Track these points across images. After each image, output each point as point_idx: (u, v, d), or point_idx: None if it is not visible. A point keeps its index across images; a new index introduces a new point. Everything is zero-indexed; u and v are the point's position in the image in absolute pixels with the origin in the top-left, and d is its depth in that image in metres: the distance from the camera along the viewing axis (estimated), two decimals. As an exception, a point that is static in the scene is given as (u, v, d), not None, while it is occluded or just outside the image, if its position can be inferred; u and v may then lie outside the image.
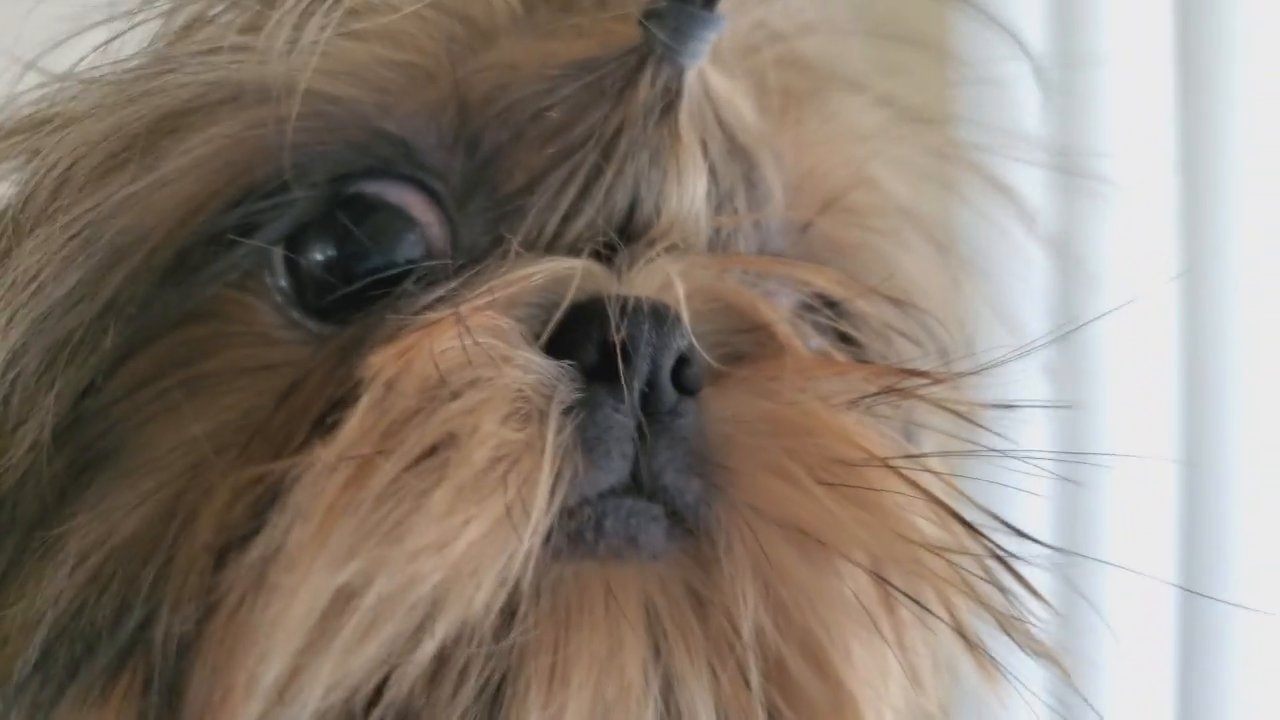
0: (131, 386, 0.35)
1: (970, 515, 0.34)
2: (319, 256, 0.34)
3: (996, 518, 0.34)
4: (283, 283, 0.34)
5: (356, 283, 0.34)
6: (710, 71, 0.36)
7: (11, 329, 0.33)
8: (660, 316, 0.33)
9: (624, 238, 0.35)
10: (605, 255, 0.34)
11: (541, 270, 0.33)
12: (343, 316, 0.34)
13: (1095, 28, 0.70)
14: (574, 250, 0.34)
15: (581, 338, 0.32)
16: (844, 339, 0.40)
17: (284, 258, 0.34)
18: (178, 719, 0.30)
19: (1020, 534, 0.34)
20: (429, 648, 0.28)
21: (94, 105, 0.33)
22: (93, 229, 0.33)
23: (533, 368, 0.31)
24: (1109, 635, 0.34)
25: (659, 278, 0.34)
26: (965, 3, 0.41)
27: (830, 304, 0.39)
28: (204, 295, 0.34)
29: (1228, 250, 0.70)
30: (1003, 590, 0.34)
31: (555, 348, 0.32)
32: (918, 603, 0.34)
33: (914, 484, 0.33)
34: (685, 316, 0.33)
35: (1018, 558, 0.33)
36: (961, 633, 0.34)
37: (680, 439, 0.33)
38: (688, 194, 0.35)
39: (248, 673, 0.28)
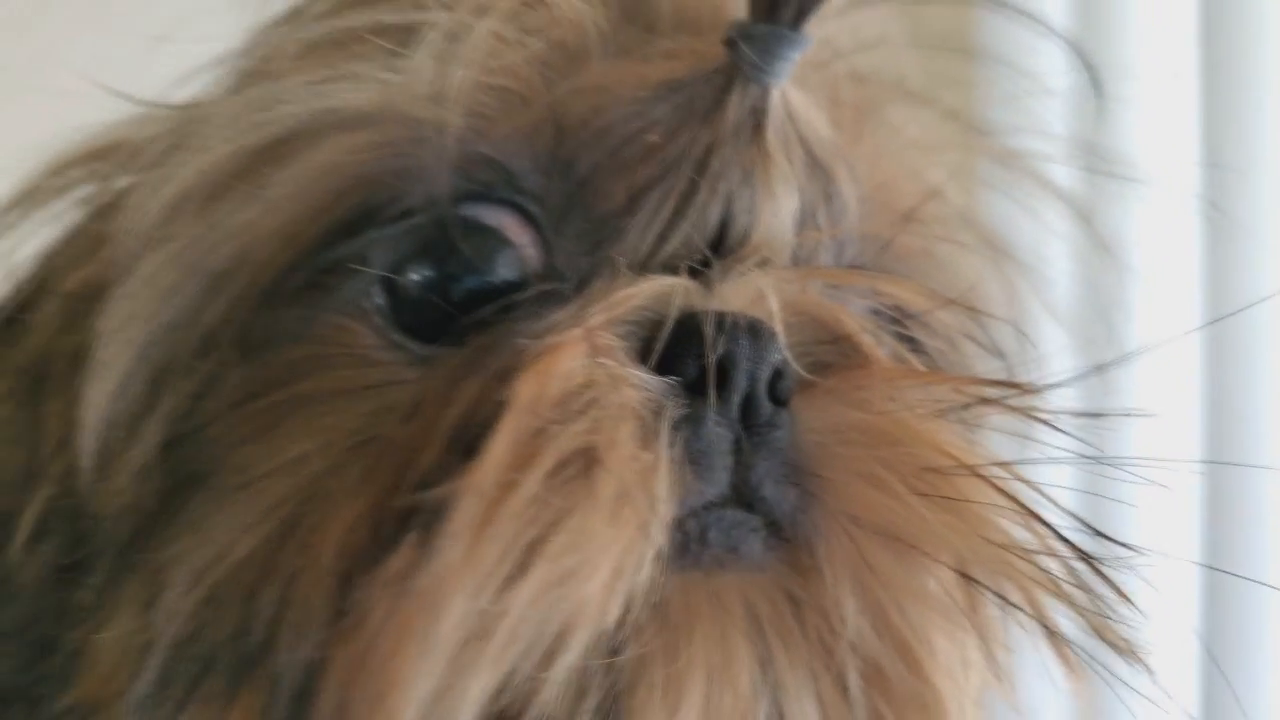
0: (229, 407, 0.35)
1: (1055, 519, 0.35)
2: (417, 279, 0.35)
3: (1080, 520, 0.35)
4: (381, 303, 0.35)
5: (454, 303, 0.35)
6: (790, 89, 0.37)
7: (122, 357, 0.34)
8: (756, 331, 0.34)
9: (715, 254, 0.36)
10: (698, 271, 0.35)
11: (643, 289, 0.33)
12: (444, 338, 0.35)
13: (1121, 30, 0.71)
14: (669, 268, 0.35)
15: (682, 354, 0.33)
16: (909, 342, 0.41)
17: (383, 281, 0.35)
18: None
19: (1104, 537, 0.35)
20: (569, 662, 0.29)
21: (200, 135, 0.34)
22: (200, 256, 0.34)
23: (645, 385, 0.32)
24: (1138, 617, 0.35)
25: (751, 292, 0.34)
26: (1018, 14, 0.42)
27: (902, 311, 0.40)
28: (306, 320, 0.34)
29: (1257, 250, 0.72)
30: (1087, 589, 0.35)
31: (658, 364, 0.33)
32: (1005, 600, 0.35)
33: (1002, 490, 0.34)
34: (780, 330, 0.34)
35: (1101, 559, 0.35)
36: (1047, 628, 0.35)
37: (776, 450, 0.34)
38: (779, 210, 0.36)
39: (398, 693, 0.28)
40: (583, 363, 0.31)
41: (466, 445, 0.30)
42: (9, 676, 0.38)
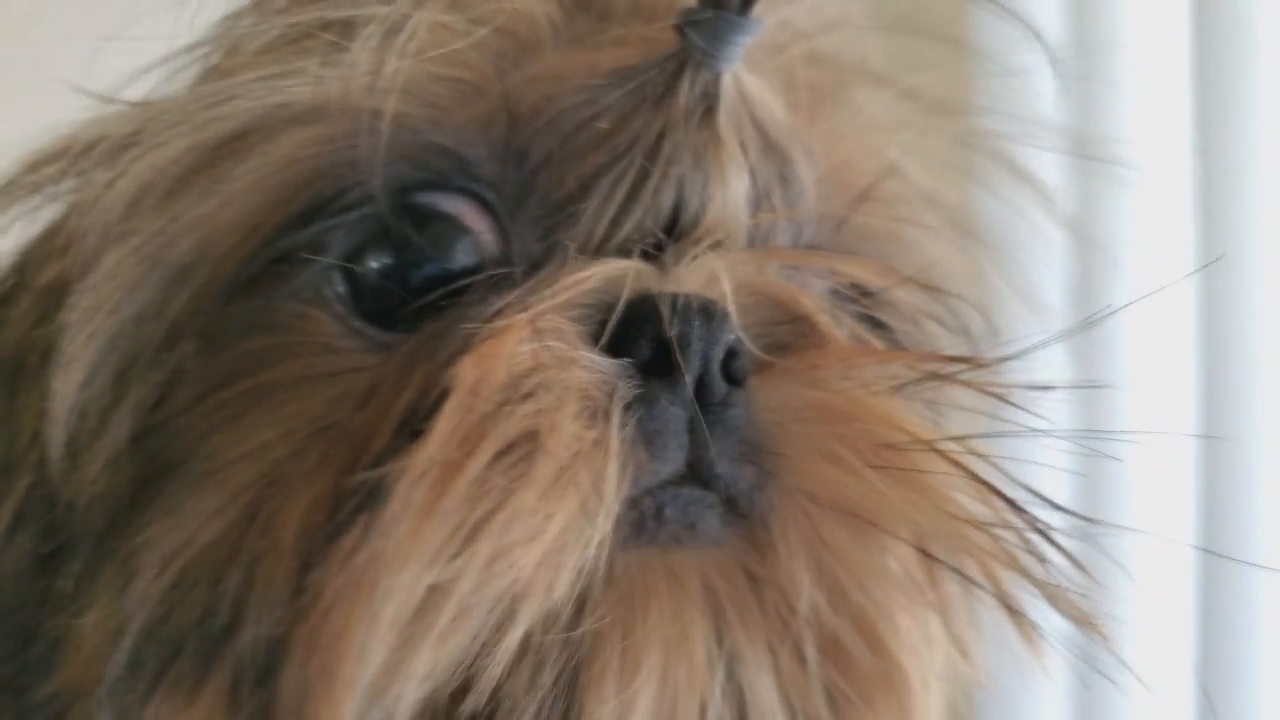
0: (196, 398, 0.36)
1: (1008, 491, 0.35)
2: (376, 266, 0.35)
3: (1034, 492, 0.36)
4: (341, 292, 0.36)
5: (414, 290, 0.35)
6: (743, 72, 0.37)
7: (87, 350, 0.34)
8: (709, 312, 0.34)
9: (669, 237, 0.36)
10: (652, 255, 0.36)
11: (595, 273, 0.34)
12: (403, 324, 0.35)
13: (1112, 14, 0.71)
14: (623, 252, 0.35)
15: (635, 335, 0.34)
16: (873, 323, 0.41)
17: (343, 270, 0.35)
18: (271, 715, 0.32)
19: (1057, 507, 0.35)
20: (514, 637, 0.30)
21: (157, 131, 0.35)
22: (161, 250, 0.34)
23: (595, 367, 0.33)
24: (1132, 598, 0.35)
25: (705, 274, 0.35)
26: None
27: (863, 291, 0.41)
28: (267, 310, 0.35)
29: (1247, 229, 0.72)
30: (1043, 561, 0.35)
31: (611, 346, 0.34)
32: (963, 575, 0.35)
33: (957, 464, 0.35)
34: (733, 311, 0.34)
35: (1054, 530, 0.35)
36: (1005, 602, 0.36)
37: (732, 428, 0.34)
38: (730, 193, 0.36)
39: (348, 668, 0.29)
40: (529, 346, 0.31)
41: (414, 429, 0.31)
42: None
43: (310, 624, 0.30)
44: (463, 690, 0.31)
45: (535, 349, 0.31)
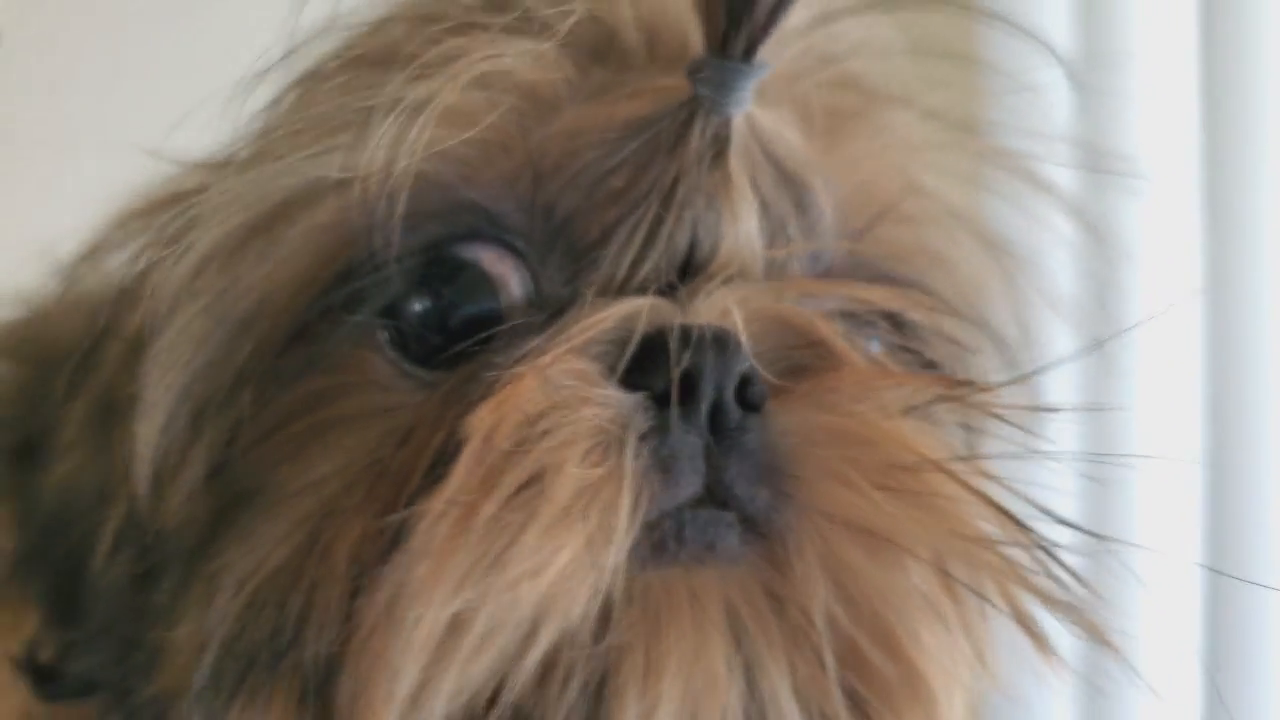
0: (265, 434, 0.40)
1: (1020, 509, 0.37)
2: (418, 313, 0.39)
3: (1044, 510, 0.37)
4: (389, 336, 0.39)
5: (453, 334, 0.38)
6: (755, 111, 0.39)
7: (165, 397, 0.39)
8: (721, 342, 0.36)
9: (687, 275, 0.38)
10: (671, 293, 0.38)
11: (612, 313, 0.36)
12: (445, 365, 0.38)
13: (1122, 26, 0.71)
14: (642, 292, 0.38)
15: (652, 368, 0.36)
16: (908, 348, 0.43)
17: (387, 317, 0.39)
18: None
19: (1066, 524, 0.37)
20: (534, 657, 0.33)
21: (225, 200, 0.38)
22: (225, 307, 0.38)
23: (610, 402, 0.35)
24: (1140, 614, 0.37)
25: (719, 307, 0.37)
26: (994, 17, 0.43)
27: (890, 316, 0.42)
28: (323, 354, 0.39)
29: (1256, 238, 0.70)
30: (1054, 578, 0.37)
31: (630, 381, 0.36)
32: (974, 590, 0.37)
33: (965, 484, 0.36)
34: (744, 340, 0.36)
35: (1063, 547, 0.36)
36: (1020, 618, 0.37)
37: (748, 452, 0.36)
38: (742, 229, 0.38)
39: (384, 688, 0.33)
40: (544, 388, 0.34)
41: (441, 471, 0.34)
42: (103, 669, 0.43)
43: (356, 645, 0.34)
44: (493, 702, 0.34)
45: (550, 391, 0.34)
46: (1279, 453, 0.72)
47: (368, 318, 0.39)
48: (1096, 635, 0.37)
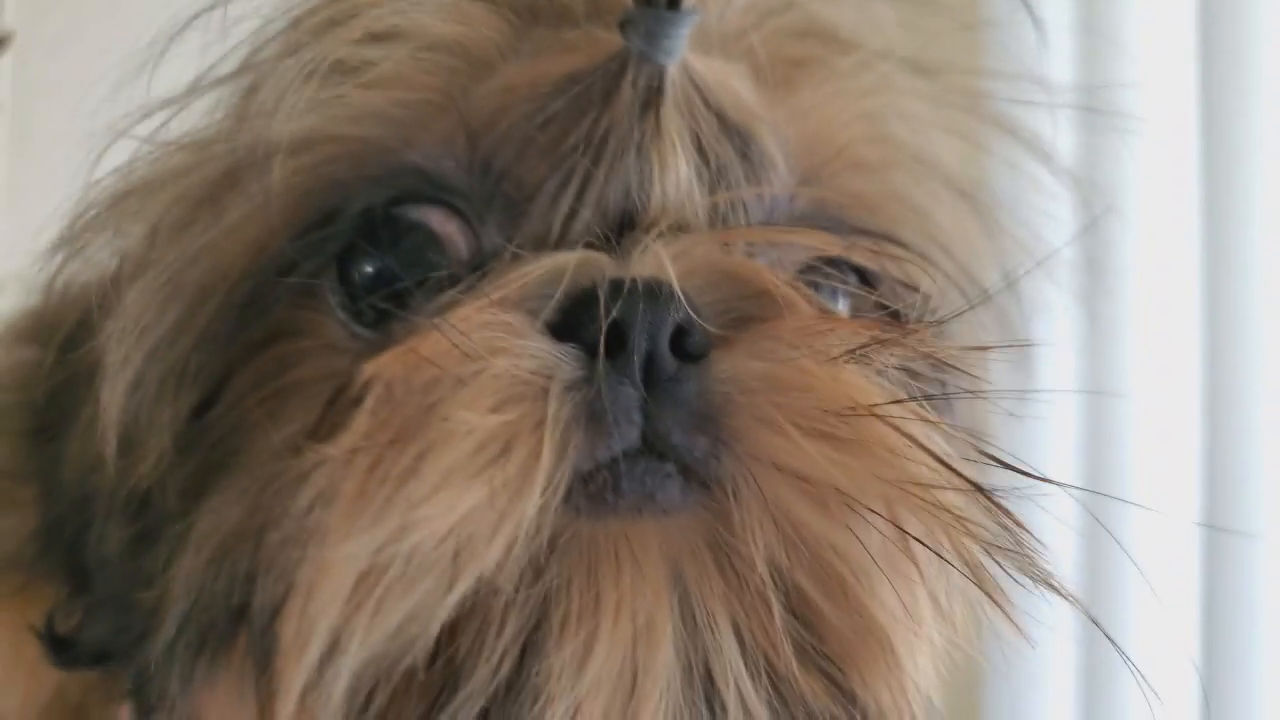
0: (235, 400, 0.41)
1: (963, 453, 0.36)
2: (365, 274, 0.40)
3: (988, 454, 0.36)
4: (339, 299, 0.40)
5: (400, 294, 0.39)
6: (696, 61, 0.39)
7: (129, 363, 0.40)
8: (653, 293, 0.36)
9: (626, 228, 0.38)
10: (613, 246, 0.38)
11: (540, 265, 0.37)
12: (392, 326, 0.39)
13: None
14: (579, 246, 0.38)
15: (585, 321, 0.36)
16: (881, 304, 0.42)
17: (337, 280, 0.40)
18: (269, 676, 0.37)
19: (1007, 466, 0.35)
20: (450, 602, 0.33)
21: (169, 171, 0.40)
22: (180, 274, 0.40)
23: (532, 353, 0.35)
24: (1134, 570, 0.35)
25: (655, 259, 0.37)
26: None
27: (858, 270, 0.42)
28: (280, 318, 0.40)
29: (1251, 191, 0.67)
30: (999, 524, 0.36)
31: (562, 334, 0.36)
32: (921, 540, 0.36)
33: (899, 428, 0.36)
34: (678, 290, 0.36)
35: (1002, 493, 0.35)
36: (967, 565, 0.36)
37: (683, 402, 0.36)
38: (671, 179, 0.38)
39: (303, 632, 0.33)
40: (455, 338, 0.34)
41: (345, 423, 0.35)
42: (108, 637, 0.45)
43: (286, 594, 0.35)
44: (414, 651, 0.34)
45: (459, 342, 0.34)
46: (1273, 406, 0.69)
47: (317, 282, 0.40)
48: (1050, 585, 0.36)
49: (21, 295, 0.51)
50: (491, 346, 0.35)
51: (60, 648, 0.47)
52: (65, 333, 0.45)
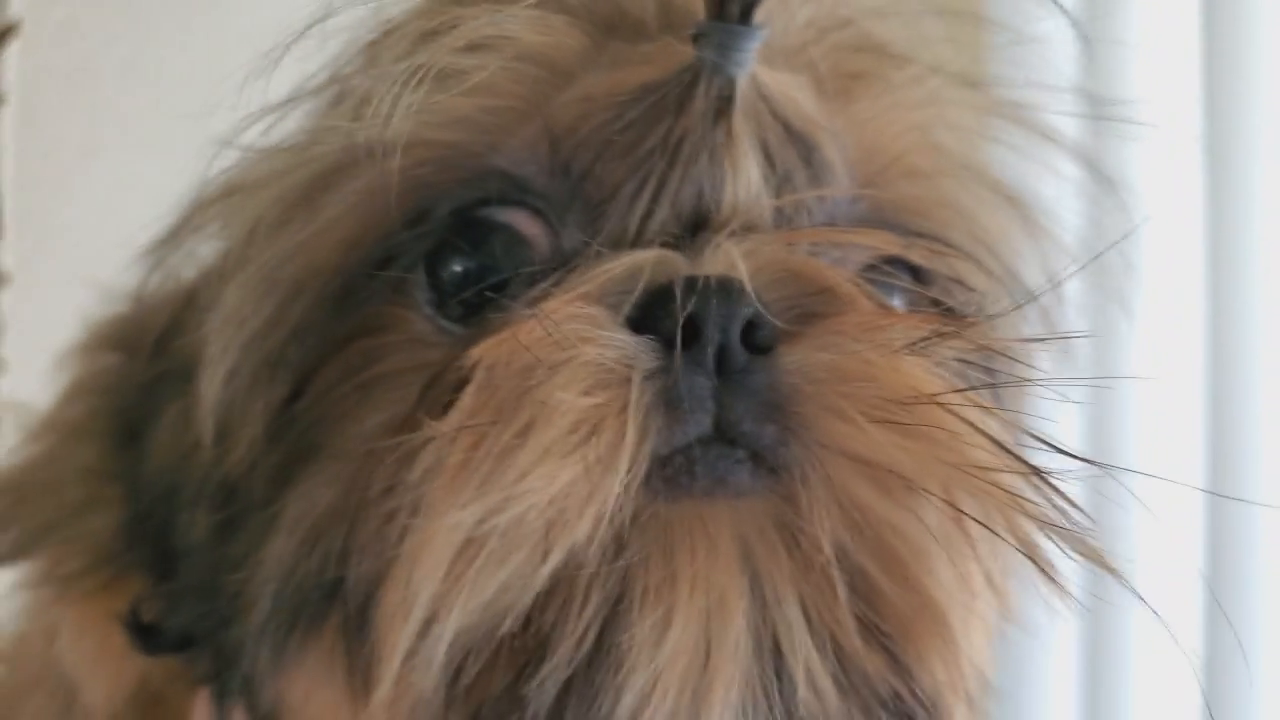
0: (323, 392, 0.43)
1: (1018, 439, 0.38)
2: (453, 273, 0.42)
3: (1041, 439, 0.38)
4: (428, 296, 0.42)
5: (486, 291, 0.42)
6: (764, 72, 0.42)
7: (226, 355, 0.43)
8: (726, 289, 0.38)
9: (699, 228, 0.41)
10: (685, 245, 0.41)
11: (621, 263, 0.39)
12: (480, 321, 0.42)
13: None
14: (659, 244, 0.40)
15: (661, 316, 0.38)
16: (935, 301, 0.44)
17: (426, 278, 0.42)
18: (368, 648, 0.39)
19: (1064, 452, 0.38)
20: (543, 574, 0.36)
21: (268, 174, 0.43)
22: (276, 271, 0.42)
23: (615, 343, 0.38)
24: (1139, 539, 0.37)
25: (726, 257, 0.40)
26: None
27: (913, 270, 0.44)
28: (366, 315, 0.42)
29: (1253, 180, 0.70)
30: (1055, 506, 0.38)
31: (640, 327, 0.39)
32: (980, 521, 0.38)
33: (960, 415, 0.38)
34: (749, 285, 0.39)
35: (1059, 475, 0.37)
36: (1024, 547, 0.38)
37: (753, 391, 0.38)
38: (742, 183, 0.41)
39: (404, 605, 0.36)
40: (548, 328, 0.37)
41: (450, 404, 0.37)
42: (194, 622, 0.48)
43: (385, 568, 0.37)
44: (507, 621, 0.37)
45: (551, 331, 0.37)
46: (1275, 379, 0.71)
47: (406, 279, 0.42)
48: (1100, 562, 0.38)
49: (107, 303, 0.53)
50: (580, 336, 0.37)
51: (145, 635, 0.49)
52: (156, 334, 0.48)
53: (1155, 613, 0.37)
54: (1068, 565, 0.38)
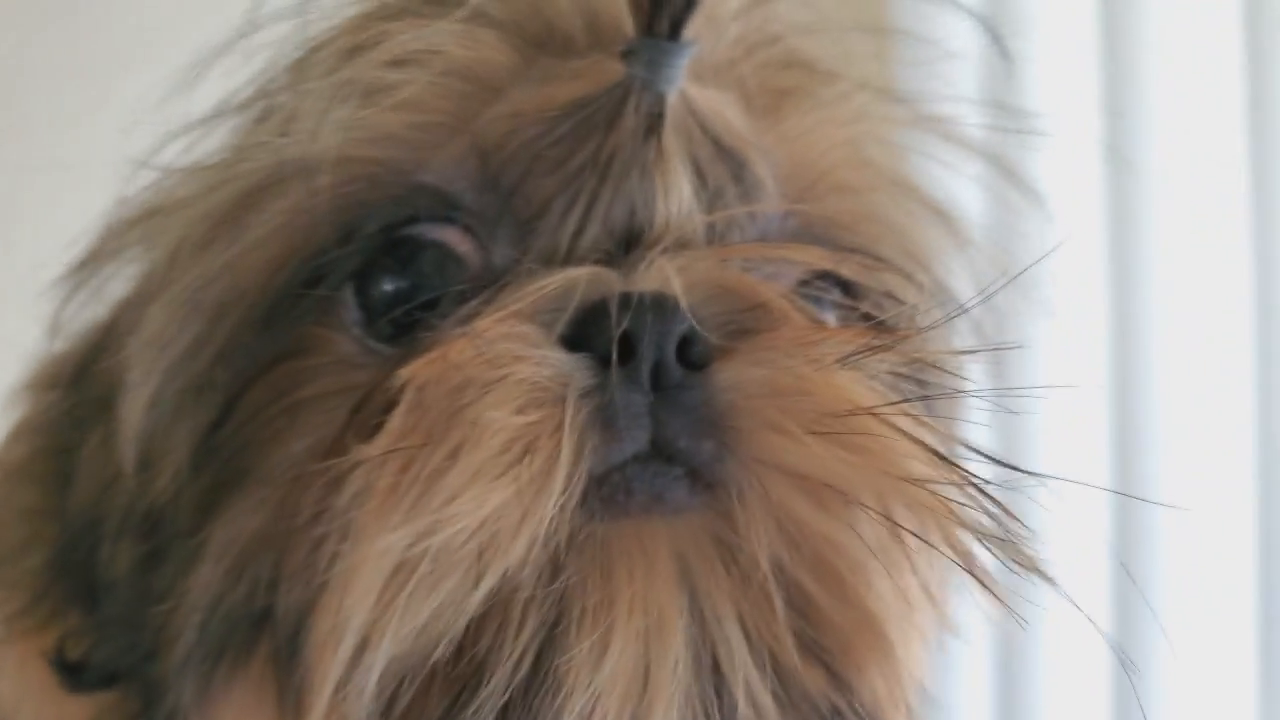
0: (249, 416, 0.42)
1: (949, 449, 0.39)
2: (382, 292, 0.41)
3: (972, 447, 0.38)
4: (355, 317, 0.42)
5: (415, 310, 0.41)
6: (693, 89, 0.41)
7: (148, 380, 0.42)
8: (660, 305, 0.38)
9: (631, 245, 0.41)
10: (618, 261, 0.40)
11: (553, 280, 0.39)
12: (409, 341, 0.41)
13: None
14: (592, 261, 0.40)
15: (595, 333, 0.38)
16: (866, 316, 0.45)
17: (354, 297, 0.41)
18: (298, 677, 0.38)
19: (993, 460, 0.38)
20: (477, 598, 0.35)
21: (191, 193, 0.42)
22: (199, 293, 0.41)
23: (549, 362, 0.37)
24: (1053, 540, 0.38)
25: (659, 274, 0.39)
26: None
27: (844, 285, 0.44)
28: (293, 336, 0.42)
29: (1153, 193, 0.72)
30: (988, 514, 0.38)
31: (577, 345, 0.39)
32: (916, 533, 0.38)
33: (894, 426, 0.38)
34: (683, 302, 0.39)
35: (991, 484, 0.38)
36: (960, 556, 0.39)
37: (689, 408, 0.38)
38: (674, 199, 0.40)
39: (335, 631, 0.35)
40: (479, 347, 0.36)
41: (379, 426, 0.36)
42: (117, 658, 0.46)
43: (315, 594, 0.36)
44: (440, 647, 0.36)
45: (485, 350, 0.36)
46: (1177, 382, 0.74)
47: (334, 299, 0.41)
48: (1035, 569, 0.38)
49: (52, 340, 0.51)
50: (513, 355, 0.37)
51: (71, 672, 0.48)
52: (74, 365, 0.46)
53: (1081, 611, 0.37)
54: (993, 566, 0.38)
